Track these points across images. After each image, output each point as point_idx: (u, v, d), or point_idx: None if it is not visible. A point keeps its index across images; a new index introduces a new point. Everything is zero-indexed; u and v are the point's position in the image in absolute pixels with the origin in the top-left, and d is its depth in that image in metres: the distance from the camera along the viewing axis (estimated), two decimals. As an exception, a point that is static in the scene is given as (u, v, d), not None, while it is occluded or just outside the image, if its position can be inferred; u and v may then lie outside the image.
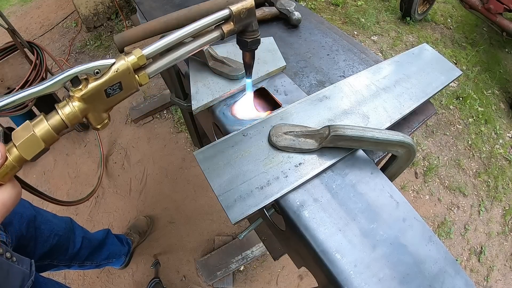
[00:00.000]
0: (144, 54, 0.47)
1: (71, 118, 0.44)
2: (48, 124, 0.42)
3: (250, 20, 0.57)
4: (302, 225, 0.56)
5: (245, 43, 0.60)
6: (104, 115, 0.48)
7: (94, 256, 1.35)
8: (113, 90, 0.46)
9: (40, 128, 0.41)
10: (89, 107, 0.45)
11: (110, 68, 0.44)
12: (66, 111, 0.43)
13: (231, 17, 0.55)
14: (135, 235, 1.72)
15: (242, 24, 0.57)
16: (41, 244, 1.05)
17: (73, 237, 1.22)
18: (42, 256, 1.07)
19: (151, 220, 1.84)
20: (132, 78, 0.47)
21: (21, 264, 0.79)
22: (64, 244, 1.17)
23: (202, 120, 1.09)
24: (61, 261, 1.18)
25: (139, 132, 2.23)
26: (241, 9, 0.54)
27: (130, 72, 0.46)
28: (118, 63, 0.45)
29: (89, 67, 0.43)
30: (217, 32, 0.56)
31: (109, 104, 0.48)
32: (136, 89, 0.49)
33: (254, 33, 0.59)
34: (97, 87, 0.44)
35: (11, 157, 0.40)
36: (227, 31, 0.56)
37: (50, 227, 1.10)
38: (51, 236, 1.09)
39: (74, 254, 1.22)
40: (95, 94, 0.45)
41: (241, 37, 0.60)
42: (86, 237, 1.29)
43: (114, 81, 0.45)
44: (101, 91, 0.45)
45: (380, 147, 0.61)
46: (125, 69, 0.45)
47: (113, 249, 1.49)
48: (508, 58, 2.99)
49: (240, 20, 0.56)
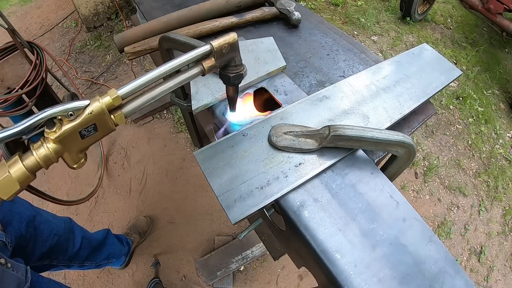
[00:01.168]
0: (120, 95, 0.46)
1: (46, 160, 0.44)
2: (23, 165, 0.42)
3: (233, 55, 0.55)
4: (302, 225, 0.56)
5: (228, 78, 0.57)
6: (80, 155, 0.48)
7: (94, 256, 1.35)
8: (88, 132, 0.46)
9: (15, 169, 0.42)
10: (64, 149, 0.45)
11: (84, 110, 0.44)
12: (41, 153, 0.44)
13: (212, 53, 0.52)
14: (135, 235, 1.72)
15: (224, 60, 0.54)
16: (41, 244, 1.05)
17: (73, 237, 1.22)
18: (42, 256, 1.06)
19: (151, 220, 1.84)
20: (107, 119, 0.46)
21: (16, 271, 0.79)
22: (64, 244, 1.17)
23: (202, 120, 1.09)
24: (61, 261, 1.18)
25: (139, 132, 2.23)
26: (223, 44, 0.52)
27: (105, 114, 0.45)
28: (93, 105, 0.44)
29: (63, 109, 0.42)
30: (198, 69, 0.53)
31: (84, 145, 0.47)
32: (112, 130, 0.48)
33: (237, 68, 0.56)
34: (71, 129, 0.44)
35: None
36: (207, 67, 0.53)
37: (49, 227, 1.10)
38: (50, 236, 1.09)
39: (74, 254, 1.22)
40: (69, 136, 0.44)
41: (224, 72, 0.57)
42: (85, 237, 1.29)
43: (88, 123, 0.45)
44: (75, 133, 0.45)
45: (380, 147, 0.61)
46: (99, 111, 0.45)
47: (113, 249, 1.49)
48: (508, 58, 2.99)
49: (222, 56, 0.53)
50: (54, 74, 2.02)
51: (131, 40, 0.93)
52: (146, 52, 0.92)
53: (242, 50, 0.84)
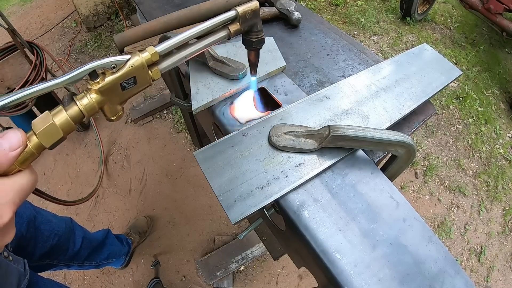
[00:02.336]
0: (157, 51, 0.50)
1: (89, 109, 0.46)
2: (66, 114, 0.44)
3: (255, 21, 0.60)
4: (302, 225, 0.56)
5: (251, 42, 0.63)
6: (118, 107, 0.51)
7: (94, 256, 1.35)
8: (128, 84, 0.49)
9: (59, 118, 0.43)
10: (105, 100, 0.48)
11: (125, 63, 0.47)
12: (84, 102, 0.46)
13: (237, 18, 0.58)
14: (135, 235, 1.72)
15: (247, 25, 0.59)
16: (41, 244, 1.05)
17: (73, 237, 1.22)
18: (42, 256, 1.07)
19: (151, 220, 1.84)
20: (146, 73, 0.50)
21: (16, 264, 0.80)
22: (64, 244, 1.17)
23: (202, 120, 1.09)
24: (61, 261, 1.18)
25: (139, 132, 2.23)
26: (247, 10, 0.58)
27: (144, 68, 0.49)
28: (133, 58, 0.48)
29: (107, 62, 0.46)
30: (224, 32, 0.58)
31: (124, 97, 0.50)
32: (149, 84, 0.52)
33: (259, 33, 0.62)
34: (113, 80, 0.47)
35: (30, 145, 0.41)
36: (233, 31, 0.58)
37: (50, 227, 1.10)
38: (51, 236, 1.09)
39: (74, 254, 1.22)
40: (111, 87, 0.47)
41: (247, 37, 0.63)
42: (86, 237, 1.29)
43: (129, 75, 0.48)
44: (117, 84, 0.48)
45: (380, 147, 0.61)
46: (139, 65, 0.48)
47: (113, 249, 1.49)
48: (508, 58, 2.99)
49: (245, 21, 0.59)
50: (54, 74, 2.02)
51: (131, 40, 0.93)
52: (146, 52, 0.92)
53: (242, 50, 0.84)
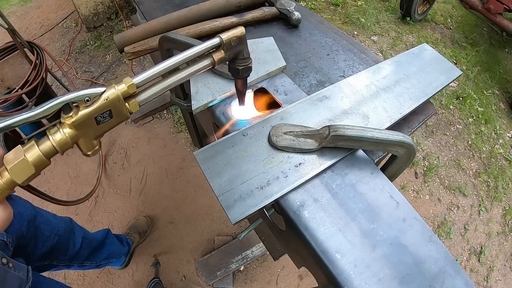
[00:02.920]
0: (134, 83, 0.48)
1: (62, 144, 0.45)
2: (39, 150, 0.43)
3: (241, 48, 0.58)
4: (302, 225, 0.56)
5: (237, 70, 0.60)
6: (94, 142, 0.49)
7: (94, 256, 1.35)
8: (103, 118, 0.47)
9: (31, 154, 0.42)
10: (79, 134, 0.46)
11: (100, 96, 0.45)
12: (57, 137, 0.44)
13: (222, 45, 0.55)
14: (135, 235, 1.72)
15: (233, 52, 0.57)
16: (41, 244, 1.05)
17: (73, 237, 1.22)
18: (42, 256, 1.06)
19: (151, 220, 1.84)
20: (122, 106, 0.48)
21: (17, 271, 0.79)
22: (64, 244, 1.17)
23: (202, 120, 1.09)
24: (61, 261, 1.18)
25: (139, 132, 2.23)
26: (232, 37, 0.55)
27: (120, 100, 0.47)
28: (108, 91, 0.46)
29: (80, 94, 0.44)
30: (208, 60, 0.56)
31: (100, 131, 0.48)
32: (127, 117, 0.50)
33: (245, 61, 0.59)
34: (87, 114, 0.45)
35: (2, 180, 0.41)
36: (217, 59, 0.56)
37: (50, 227, 1.10)
38: (51, 236, 1.09)
39: (74, 254, 1.22)
40: (85, 121, 0.46)
41: (233, 65, 0.60)
42: (86, 237, 1.29)
43: (104, 109, 0.46)
44: (91, 118, 0.46)
45: (380, 147, 0.61)
46: (115, 97, 0.46)
47: (113, 249, 1.49)
48: (508, 58, 2.99)
49: (230, 48, 0.56)
50: (54, 74, 2.02)
51: (131, 40, 0.93)
52: (146, 52, 0.92)
53: (242, 50, 0.84)
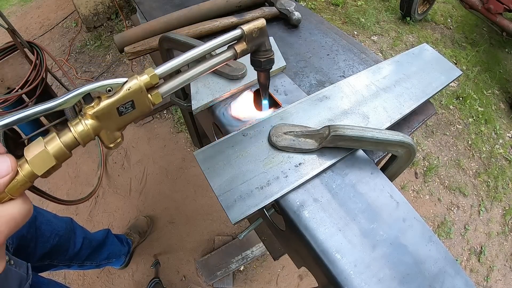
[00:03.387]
0: (157, 74, 0.47)
1: (84, 136, 0.44)
2: (60, 142, 0.41)
3: (263, 39, 0.57)
4: (302, 225, 0.56)
5: (259, 62, 0.60)
6: (117, 133, 0.48)
7: (94, 256, 1.36)
8: (126, 109, 0.46)
9: (52, 146, 0.41)
10: (101, 125, 0.45)
11: (122, 87, 0.44)
12: (79, 129, 0.43)
13: (243, 37, 0.54)
14: (135, 235, 1.72)
15: (254, 44, 0.56)
16: (42, 244, 1.05)
17: (74, 237, 1.23)
18: (43, 257, 1.07)
19: (151, 220, 1.84)
20: (145, 97, 0.47)
21: (18, 268, 0.79)
22: (65, 244, 1.17)
23: (202, 120, 1.09)
24: (61, 261, 1.18)
25: (139, 132, 2.23)
26: (253, 28, 0.54)
27: (143, 91, 0.46)
28: (131, 82, 0.45)
29: (102, 85, 0.43)
30: (230, 52, 0.55)
31: (122, 123, 0.47)
32: (150, 109, 0.48)
33: (267, 53, 0.59)
34: (109, 105, 0.44)
35: (22, 172, 0.39)
36: (240, 51, 0.55)
37: (50, 228, 1.10)
38: (51, 237, 1.09)
39: (75, 254, 1.23)
40: (107, 112, 0.45)
41: (255, 57, 0.60)
42: (86, 237, 1.29)
43: (126, 99, 0.45)
44: (113, 109, 0.45)
45: (380, 147, 0.61)
46: (137, 88, 0.45)
47: (113, 249, 1.49)
48: (508, 58, 2.99)
49: (252, 40, 0.55)
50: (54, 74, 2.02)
51: (131, 40, 0.93)
52: (146, 52, 0.92)
53: (242, 50, 0.84)
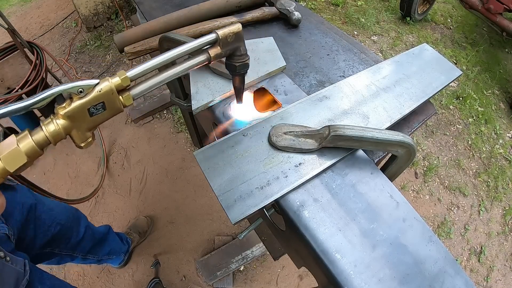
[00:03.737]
0: (128, 76, 0.48)
1: (55, 135, 0.45)
2: (32, 140, 0.43)
3: (238, 44, 0.57)
4: (302, 225, 0.56)
5: (234, 67, 0.60)
6: (87, 134, 0.50)
7: (96, 249, 1.37)
8: (96, 110, 0.48)
9: (24, 143, 0.43)
10: (72, 125, 0.47)
11: (93, 88, 0.46)
12: (50, 128, 0.45)
13: (218, 41, 0.55)
14: (135, 234, 1.72)
15: (229, 49, 0.56)
16: (42, 233, 1.05)
17: (77, 227, 1.23)
18: (44, 245, 1.07)
19: (151, 220, 1.84)
20: (116, 99, 0.48)
21: (15, 264, 0.79)
22: (67, 233, 1.17)
23: (202, 120, 1.09)
24: (63, 249, 1.18)
25: (139, 132, 2.23)
26: (228, 33, 0.54)
27: (114, 93, 0.47)
28: (102, 84, 0.47)
29: (73, 86, 0.45)
30: (204, 56, 0.55)
31: (93, 123, 0.49)
32: (120, 110, 0.50)
33: (242, 57, 0.59)
34: (80, 105, 0.46)
35: None
36: (213, 55, 0.55)
37: (51, 216, 1.10)
38: (52, 225, 1.09)
39: (77, 243, 1.23)
40: (78, 113, 0.46)
41: (230, 61, 0.59)
42: (89, 228, 1.30)
43: (97, 100, 0.47)
44: (84, 110, 0.46)
45: (380, 147, 0.61)
46: (108, 90, 0.47)
47: (114, 245, 1.50)
48: (508, 58, 2.99)
49: (227, 44, 0.55)
50: (54, 74, 2.02)
51: (131, 40, 0.93)
52: (146, 52, 0.92)
53: (242, 50, 0.84)
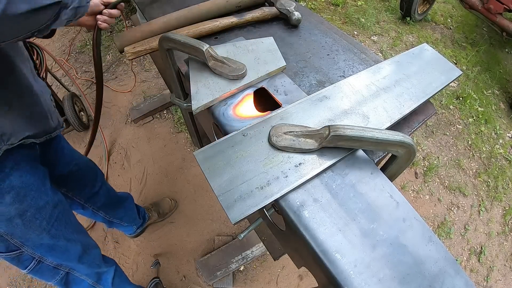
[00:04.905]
0: None
1: None
2: None
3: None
4: (302, 225, 0.56)
5: None
6: None
7: (109, 208, 1.39)
8: None
9: None
10: None
11: None
12: None
13: None
14: (154, 213, 1.75)
15: None
16: (62, 166, 1.09)
17: (94, 178, 1.26)
18: (60, 180, 1.10)
19: (176, 204, 1.86)
20: None
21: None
22: (83, 178, 1.21)
23: (202, 120, 1.09)
24: (76, 195, 1.22)
25: (139, 132, 2.23)
26: None
27: None
28: None
29: None
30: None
31: None
32: None
33: None
34: None
35: None
36: None
37: (71, 154, 1.14)
38: (71, 163, 1.13)
39: (92, 194, 1.26)
40: None
41: None
42: (105, 185, 1.34)
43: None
44: None
45: (380, 147, 0.61)
46: None
47: (129, 213, 1.53)
48: (508, 58, 2.99)
49: None
50: (54, 74, 2.02)
51: (131, 40, 0.93)
52: (146, 52, 0.92)
53: (242, 50, 0.84)
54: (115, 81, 2.52)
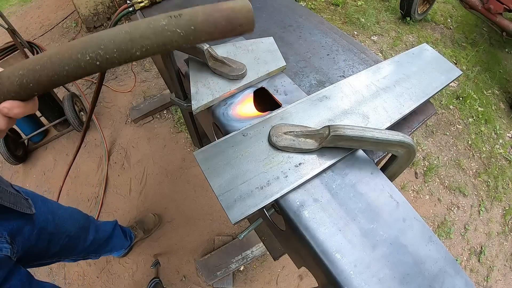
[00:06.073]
0: None
1: None
2: None
3: None
4: (302, 225, 0.56)
5: None
6: None
7: (98, 250, 1.38)
8: None
9: None
10: None
11: None
12: None
13: None
14: (139, 230, 1.73)
15: None
16: (53, 246, 1.05)
17: (85, 236, 1.24)
18: (52, 256, 1.08)
19: (159, 219, 1.84)
20: None
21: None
22: (74, 243, 1.18)
23: (202, 120, 1.09)
24: (68, 256, 1.20)
25: (139, 132, 2.23)
26: None
27: None
28: None
29: None
30: None
31: None
32: None
33: None
34: None
35: None
36: None
37: (63, 230, 1.10)
38: (62, 238, 1.10)
39: (82, 249, 1.25)
40: None
41: None
42: (97, 235, 1.32)
43: None
44: None
45: (380, 147, 0.61)
46: None
47: (117, 242, 1.52)
48: (508, 58, 2.99)
49: None
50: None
51: (131, 40, 0.93)
52: (146, 52, 0.92)
53: (242, 50, 0.84)
54: (115, 81, 2.52)
